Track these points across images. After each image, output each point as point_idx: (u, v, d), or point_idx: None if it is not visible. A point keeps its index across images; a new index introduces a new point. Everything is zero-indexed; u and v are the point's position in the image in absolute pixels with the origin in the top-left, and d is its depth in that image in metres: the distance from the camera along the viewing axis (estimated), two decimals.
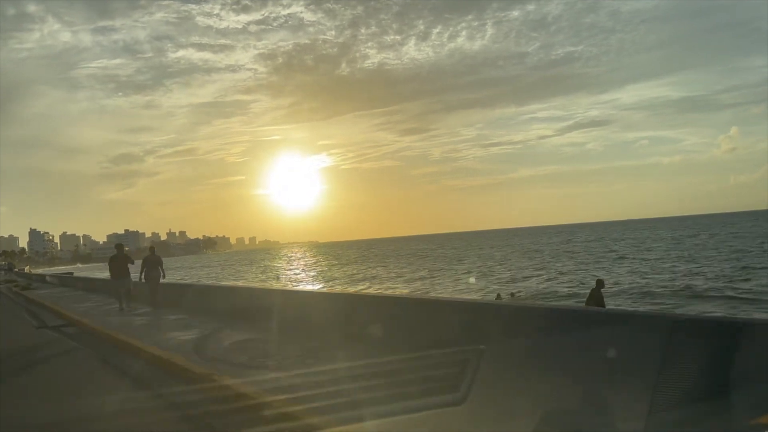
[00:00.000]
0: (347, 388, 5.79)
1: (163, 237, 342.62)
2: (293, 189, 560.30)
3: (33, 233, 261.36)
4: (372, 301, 11.27)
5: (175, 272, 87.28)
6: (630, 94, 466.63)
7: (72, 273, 36.70)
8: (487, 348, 5.50)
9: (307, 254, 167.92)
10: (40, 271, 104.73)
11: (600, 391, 5.14)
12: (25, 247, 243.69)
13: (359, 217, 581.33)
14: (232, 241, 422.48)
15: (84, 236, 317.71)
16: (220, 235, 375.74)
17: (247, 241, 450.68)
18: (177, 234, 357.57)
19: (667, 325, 5.35)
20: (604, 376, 5.35)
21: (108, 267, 17.55)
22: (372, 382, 5.75)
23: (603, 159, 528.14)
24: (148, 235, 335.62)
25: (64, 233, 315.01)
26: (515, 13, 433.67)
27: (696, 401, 4.44)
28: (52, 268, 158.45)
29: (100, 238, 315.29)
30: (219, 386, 6.80)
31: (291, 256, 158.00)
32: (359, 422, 4.89)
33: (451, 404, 4.83)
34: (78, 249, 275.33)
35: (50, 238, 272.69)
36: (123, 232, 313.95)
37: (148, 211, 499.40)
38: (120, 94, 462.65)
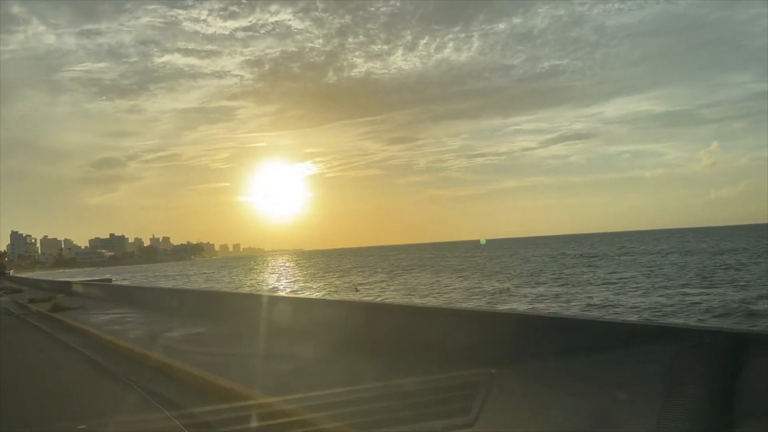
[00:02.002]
0: None
1: (146, 242, 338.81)
2: (278, 196, 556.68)
3: (15, 236, 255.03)
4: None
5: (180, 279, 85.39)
6: (614, 107, 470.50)
7: (111, 279, 29.24)
8: (497, 371, 5.54)
9: (310, 261, 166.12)
10: (35, 275, 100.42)
11: (611, 412, 5.12)
12: (5, 249, 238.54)
13: (344, 225, 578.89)
14: (217, 247, 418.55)
15: (65, 240, 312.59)
16: (205, 242, 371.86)
17: (231, 248, 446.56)
18: (160, 239, 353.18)
19: (674, 338, 5.27)
20: (614, 395, 5.28)
21: None
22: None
23: (586, 172, 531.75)
24: (131, 240, 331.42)
25: (45, 237, 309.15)
26: (501, 26, 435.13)
27: (705, 419, 4.33)
28: (34, 273, 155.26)
29: (82, 242, 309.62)
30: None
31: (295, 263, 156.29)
32: None
33: (461, 427, 4.85)
34: (62, 253, 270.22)
35: (32, 241, 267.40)
36: (108, 236, 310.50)
37: (131, 216, 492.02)
38: (104, 98, 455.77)
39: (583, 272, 53.75)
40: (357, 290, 37.61)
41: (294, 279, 63.97)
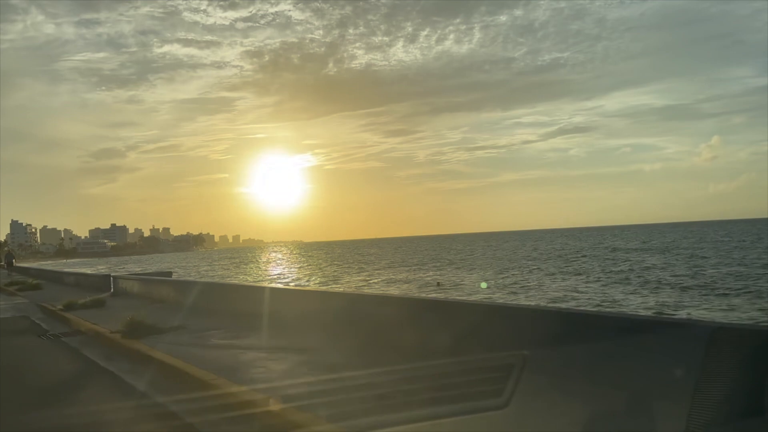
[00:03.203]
0: None
1: (146, 233, 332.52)
2: (277, 188, 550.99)
3: (15, 225, 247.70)
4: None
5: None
6: (614, 101, 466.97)
7: (171, 274, 21.29)
8: (530, 354, 5.54)
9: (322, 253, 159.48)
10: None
11: (643, 401, 5.08)
12: (4, 239, 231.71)
13: (343, 217, 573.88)
14: (216, 239, 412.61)
15: (65, 230, 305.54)
16: (204, 233, 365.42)
17: (230, 239, 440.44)
18: (160, 230, 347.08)
19: (706, 333, 5.03)
20: (646, 386, 5.23)
21: None
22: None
23: (586, 165, 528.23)
24: (131, 231, 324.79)
25: (45, 227, 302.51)
26: (503, 18, 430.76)
27: (737, 414, 4.13)
28: (59, 261, 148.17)
29: (82, 232, 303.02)
30: None
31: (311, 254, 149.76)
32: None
33: (493, 408, 4.83)
34: (63, 243, 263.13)
35: (32, 231, 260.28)
36: (108, 226, 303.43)
37: (129, 206, 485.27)
38: (103, 88, 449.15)
39: (662, 268, 47.90)
40: (439, 285, 35.49)
41: (369, 275, 56.23)
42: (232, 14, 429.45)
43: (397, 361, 7.38)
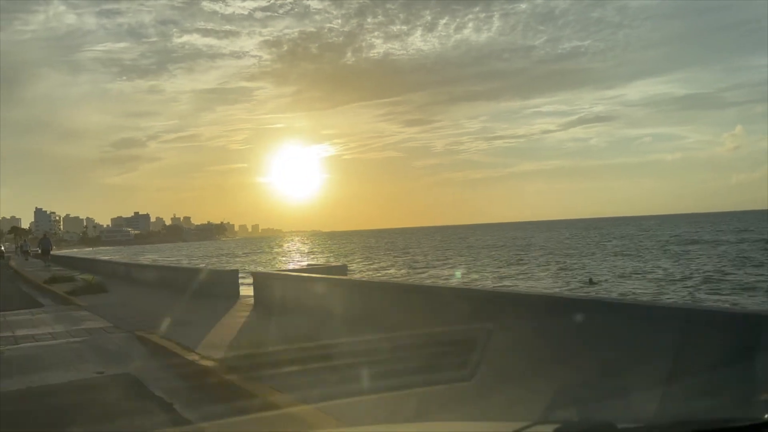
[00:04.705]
0: None
1: (168, 222, 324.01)
2: (295, 178, 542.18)
3: (39, 213, 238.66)
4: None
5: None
6: (635, 90, 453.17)
7: (346, 267, 12.70)
8: (496, 329, 5.69)
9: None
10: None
11: (610, 380, 4.95)
12: (28, 227, 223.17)
13: (361, 207, 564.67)
14: (236, 228, 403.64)
15: (87, 219, 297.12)
16: (224, 222, 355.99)
17: (249, 229, 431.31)
18: (181, 219, 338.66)
19: (681, 316, 5.06)
20: (615, 366, 5.07)
21: None
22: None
23: (606, 155, 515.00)
24: (152, 219, 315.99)
25: (68, 215, 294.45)
26: (523, 6, 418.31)
27: (708, 395, 4.08)
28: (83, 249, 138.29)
29: (104, 221, 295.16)
30: None
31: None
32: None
33: (458, 380, 4.95)
34: (87, 231, 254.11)
35: (56, 219, 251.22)
36: (132, 215, 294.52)
37: (149, 196, 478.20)
38: (123, 78, 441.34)
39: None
40: (592, 282, 30.61)
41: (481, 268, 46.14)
42: (250, 4, 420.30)
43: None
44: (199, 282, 15.00)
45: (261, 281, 12.92)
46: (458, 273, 42.00)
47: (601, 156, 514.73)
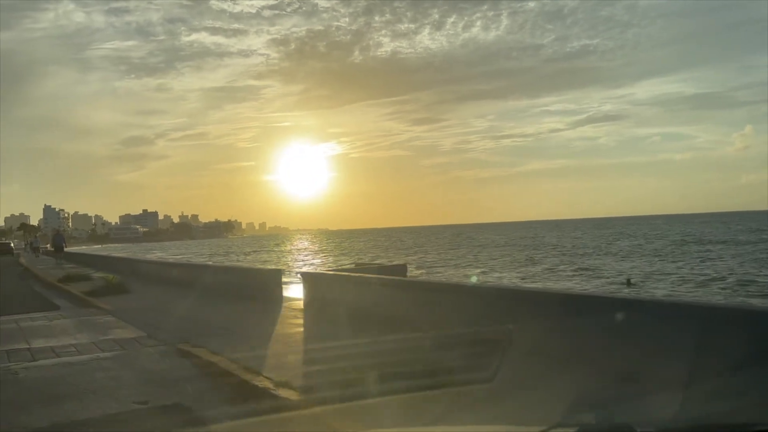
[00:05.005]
0: None
1: (175, 219, 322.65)
2: (303, 176, 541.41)
3: (48, 210, 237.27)
4: None
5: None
6: (644, 89, 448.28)
7: (406, 267, 11.47)
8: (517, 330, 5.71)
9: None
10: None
11: (630, 381, 4.80)
12: (37, 224, 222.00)
13: (368, 205, 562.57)
14: (243, 226, 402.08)
15: (96, 216, 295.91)
16: (231, 220, 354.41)
17: (257, 227, 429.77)
18: (189, 217, 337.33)
19: (701, 314, 4.97)
20: (634, 366, 4.98)
21: None
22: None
23: (614, 154, 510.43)
24: (160, 217, 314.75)
25: (76, 213, 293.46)
26: (531, 4, 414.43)
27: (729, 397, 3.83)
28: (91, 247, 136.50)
29: (112, 218, 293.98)
30: None
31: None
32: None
33: (478, 382, 4.85)
34: (95, 228, 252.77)
35: (65, 216, 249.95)
36: (140, 212, 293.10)
37: (157, 193, 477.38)
38: (132, 76, 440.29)
39: None
40: (631, 283, 28.87)
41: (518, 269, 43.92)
42: (258, 2, 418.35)
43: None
44: (236, 282, 13.17)
45: (312, 282, 11.10)
46: (474, 277, 39.05)
47: (610, 155, 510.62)
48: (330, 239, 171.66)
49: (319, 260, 66.71)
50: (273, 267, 15.24)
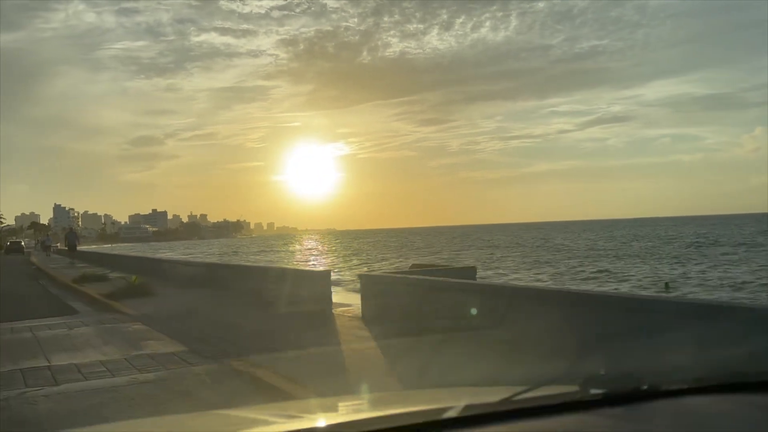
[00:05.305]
0: None
1: (184, 219, 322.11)
2: (311, 176, 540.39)
3: (57, 209, 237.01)
4: None
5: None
6: (654, 90, 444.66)
7: (475, 270, 10.69)
8: None
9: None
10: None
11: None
12: (47, 223, 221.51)
13: (375, 206, 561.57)
14: (252, 225, 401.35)
15: (105, 215, 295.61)
16: (240, 219, 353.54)
17: (265, 227, 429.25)
18: (198, 216, 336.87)
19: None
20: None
21: None
22: None
23: (623, 155, 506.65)
24: (169, 217, 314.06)
25: (86, 212, 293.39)
26: (541, 5, 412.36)
27: None
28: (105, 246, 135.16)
29: (121, 218, 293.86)
30: None
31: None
32: None
33: None
34: (105, 228, 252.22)
35: (75, 215, 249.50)
36: (150, 212, 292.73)
37: (167, 193, 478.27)
38: (142, 76, 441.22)
39: None
40: (668, 287, 27.75)
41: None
42: (268, 2, 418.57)
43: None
44: (276, 285, 11.60)
45: (374, 286, 9.49)
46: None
47: (619, 156, 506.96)
48: (338, 239, 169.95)
49: (328, 260, 65.16)
50: (322, 269, 13.47)
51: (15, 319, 11.70)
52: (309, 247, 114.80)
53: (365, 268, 40.92)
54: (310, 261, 66.24)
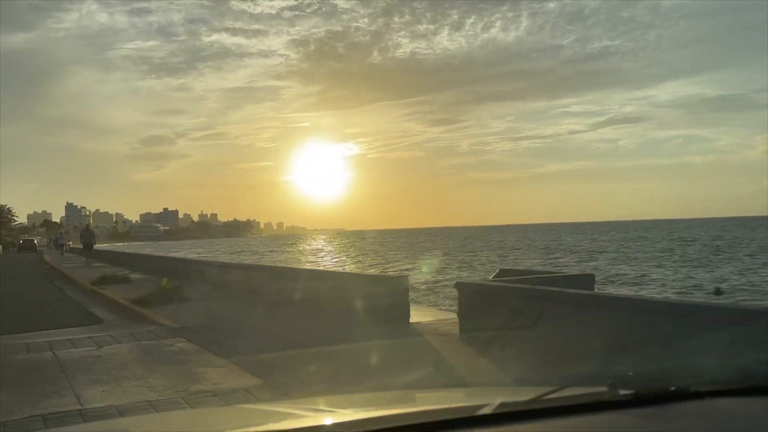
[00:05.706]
0: None
1: (195, 218, 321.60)
2: (320, 176, 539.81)
3: (70, 207, 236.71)
4: None
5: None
6: (666, 91, 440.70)
7: (593, 277, 9.15)
8: None
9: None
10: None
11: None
12: (59, 221, 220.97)
13: (385, 206, 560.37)
14: (261, 225, 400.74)
15: (117, 214, 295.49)
16: (250, 219, 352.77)
17: (275, 226, 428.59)
18: (208, 216, 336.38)
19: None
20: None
21: None
22: None
23: (635, 156, 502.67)
24: (180, 216, 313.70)
25: (98, 210, 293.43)
26: (551, 5, 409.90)
27: None
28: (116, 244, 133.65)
29: (133, 216, 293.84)
30: None
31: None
32: None
33: None
34: (116, 226, 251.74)
35: (87, 213, 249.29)
36: (161, 211, 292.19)
37: (177, 192, 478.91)
38: (153, 76, 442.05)
39: None
40: (720, 292, 26.26)
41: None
42: (278, 3, 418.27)
43: None
44: (335, 293, 9.69)
45: (476, 297, 7.55)
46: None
47: (630, 158, 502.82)
48: (347, 239, 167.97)
49: (336, 260, 63.25)
50: (396, 273, 11.62)
51: (30, 329, 9.86)
52: (317, 247, 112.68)
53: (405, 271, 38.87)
54: (325, 260, 64.44)
